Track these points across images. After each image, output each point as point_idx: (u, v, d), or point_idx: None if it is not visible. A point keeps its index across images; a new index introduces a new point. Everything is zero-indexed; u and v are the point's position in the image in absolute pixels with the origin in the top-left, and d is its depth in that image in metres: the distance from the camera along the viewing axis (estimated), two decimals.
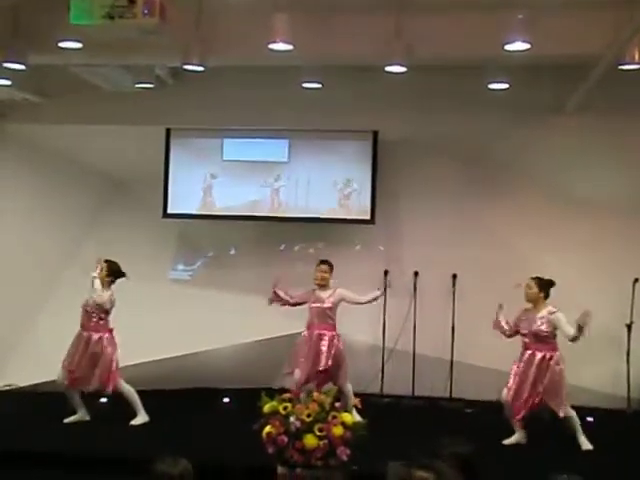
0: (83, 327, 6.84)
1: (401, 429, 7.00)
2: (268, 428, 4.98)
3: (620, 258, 7.66)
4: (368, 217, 8.23)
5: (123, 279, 6.92)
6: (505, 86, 7.21)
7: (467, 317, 8.06)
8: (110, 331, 6.86)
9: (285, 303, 7.24)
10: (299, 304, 7.23)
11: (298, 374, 6.94)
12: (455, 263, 8.18)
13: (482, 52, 5.83)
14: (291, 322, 8.59)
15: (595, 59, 5.80)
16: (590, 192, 7.86)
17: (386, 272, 8.12)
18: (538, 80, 6.99)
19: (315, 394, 5.14)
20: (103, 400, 7.11)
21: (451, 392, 8.15)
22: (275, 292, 7.16)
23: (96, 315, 6.80)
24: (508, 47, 5.58)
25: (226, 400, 7.96)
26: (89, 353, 6.75)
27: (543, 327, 6.43)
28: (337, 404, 5.12)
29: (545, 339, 6.43)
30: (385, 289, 7.54)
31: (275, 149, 8.49)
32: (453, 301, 8.18)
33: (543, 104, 7.43)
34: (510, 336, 6.70)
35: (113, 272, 6.88)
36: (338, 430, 4.91)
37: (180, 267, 9.26)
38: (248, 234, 8.85)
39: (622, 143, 7.56)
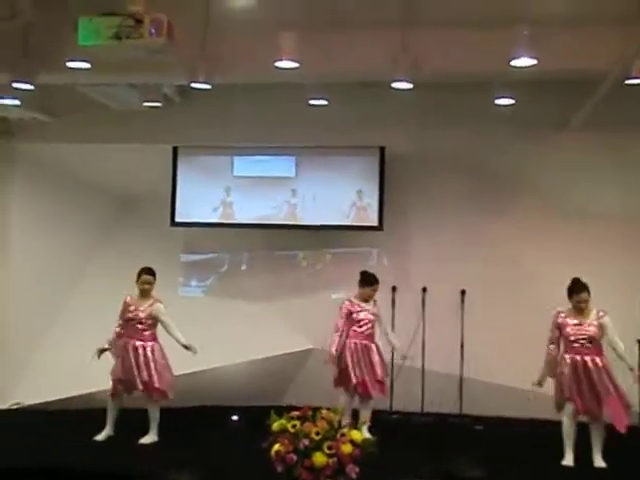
0: None
1: (410, 446, 6.95)
2: (277, 446, 4.95)
3: (627, 273, 7.63)
4: (376, 224, 8.26)
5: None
6: (511, 102, 7.22)
7: (476, 333, 8.03)
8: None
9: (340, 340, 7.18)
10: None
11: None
12: (463, 279, 8.16)
13: (488, 68, 5.85)
14: (299, 339, 8.61)
15: (601, 75, 5.81)
16: (596, 207, 7.84)
17: (394, 288, 8.11)
18: (544, 96, 7.00)
19: (324, 412, 5.11)
20: None
21: (461, 408, 8.10)
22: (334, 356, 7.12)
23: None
24: (514, 63, 5.60)
25: (235, 418, 7.92)
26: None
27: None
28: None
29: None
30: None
31: (283, 166, 8.53)
32: (462, 317, 8.15)
33: (549, 120, 7.43)
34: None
35: None
36: (347, 448, 4.88)
37: (192, 283, 9.29)
38: (258, 247, 8.90)
39: (626, 159, 7.55)
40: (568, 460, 6.28)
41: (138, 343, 6.80)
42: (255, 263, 9.12)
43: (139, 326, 6.84)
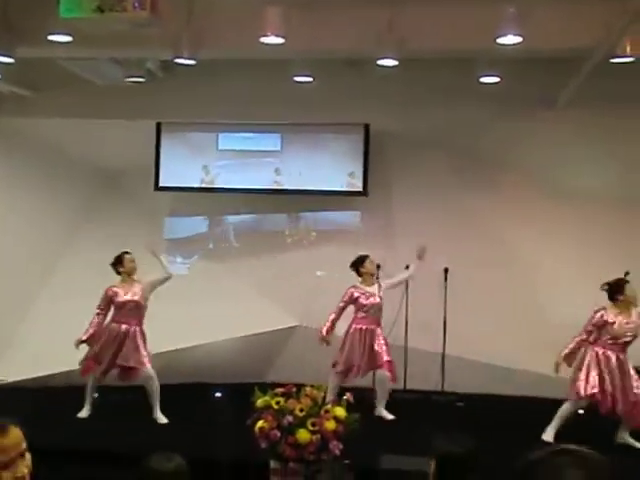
0: None
1: (393, 422, 7.01)
2: (261, 423, 4.98)
3: (611, 251, 7.67)
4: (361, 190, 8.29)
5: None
6: (496, 79, 7.20)
7: (459, 311, 8.07)
8: None
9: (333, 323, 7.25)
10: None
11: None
12: (447, 257, 8.18)
13: (474, 45, 5.82)
14: (283, 317, 8.61)
15: (587, 52, 5.80)
16: (582, 186, 7.88)
17: (379, 266, 8.11)
18: (529, 74, 6.98)
19: (308, 389, 5.13)
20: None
21: (443, 385, 8.16)
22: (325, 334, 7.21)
23: None
24: (500, 40, 5.58)
25: (218, 395, 7.94)
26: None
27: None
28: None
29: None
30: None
31: (267, 142, 8.50)
32: (445, 295, 8.18)
33: (534, 98, 7.43)
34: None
35: None
36: (330, 424, 4.92)
37: (176, 260, 9.27)
38: (244, 224, 8.89)
39: (613, 137, 7.57)
40: (549, 436, 6.36)
41: (134, 328, 6.87)
42: (239, 240, 9.11)
43: (131, 310, 6.86)
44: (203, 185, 8.57)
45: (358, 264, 7.29)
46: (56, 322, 7.80)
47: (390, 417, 7.08)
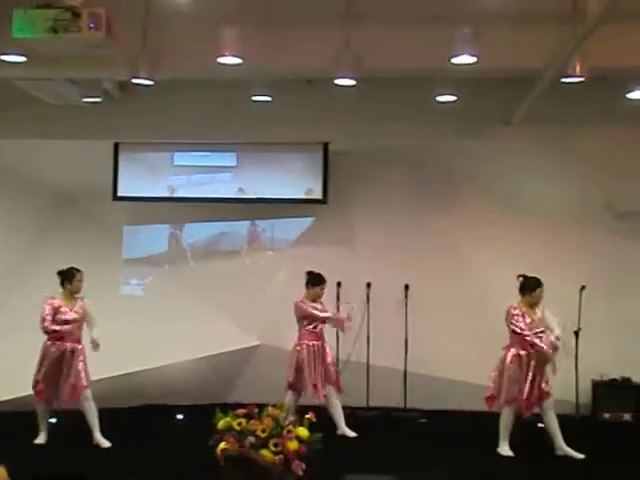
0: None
1: (357, 440, 7.00)
2: (223, 445, 4.92)
3: (568, 266, 7.82)
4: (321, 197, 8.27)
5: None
6: (453, 98, 7.32)
7: (420, 327, 8.12)
8: None
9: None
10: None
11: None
12: (407, 274, 8.24)
13: (429, 65, 5.90)
14: (243, 336, 8.56)
15: (539, 72, 5.92)
16: (538, 201, 8.02)
17: (339, 283, 8.14)
18: (485, 92, 7.10)
19: (270, 409, 5.10)
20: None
21: (405, 402, 8.19)
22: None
23: None
24: (455, 60, 5.67)
25: (180, 417, 7.85)
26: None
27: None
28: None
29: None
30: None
31: (224, 162, 8.49)
32: (406, 312, 8.23)
33: (490, 115, 7.56)
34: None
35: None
36: (293, 445, 4.87)
37: (132, 282, 9.17)
38: (201, 243, 8.90)
39: (566, 153, 7.73)
40: (506, 450, 6.42)
41: (76, 346, 6.68)
42: (197, 260, 9.05)
43: (72, 327, 6.68)
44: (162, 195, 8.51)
45: (317, 283, 7.27)
46: (10, 348, 7.65)
47: (352, 435, 7.07)
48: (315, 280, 7.25)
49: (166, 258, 9.17)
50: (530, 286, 6.49)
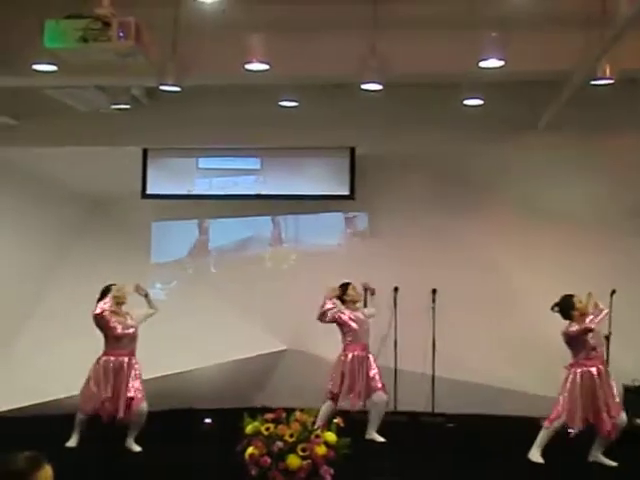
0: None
1: (384, 445, 6.99)
2: (251, 449, 4.94)
3: (596, 271, 7.74)
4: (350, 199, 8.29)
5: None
6: (479, 102, 7.28)
7: (447, 331, 8.09)
8: None
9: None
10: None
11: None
12: (434, 278, 8.22)
13: (457, 69, 5.87)
14: (271, 340, 8.59)
15: (567, 75, 5.88)
16: (565, 207, 7.95)
17: (365, 289, 8.13)
18: (512, 97, 7.06)
19: (298, 414, 5.11)
20: None
21: (433, 407, 8.16)
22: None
23: None
24: (482, 64, 5.65)
25: (208, 421, 7.89)
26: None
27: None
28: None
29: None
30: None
31: (249, 165, 8.57)
32: (433, 316, 8.21)
33: (517, 120, 7.50)
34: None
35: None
36: (321, 449, 4.89)
37: (159, 285, 9.24)
38: (227, 248, 8.93)
39: (593, 159, 7.65)
40: (537, 457, 6.37)
41: (131, 359, 6.80)
42: (224, 264, 9.09)
43: (127, 341, 6.79)
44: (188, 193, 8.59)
45: (341, 292, 7.30)
46: (40, 353, 7.76)
47: (381, 440, 7.06)
48: (346, 285, 7.32)
49: (192, 262, 9.24)
50: (570, 306, 6.40)
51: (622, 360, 7.64)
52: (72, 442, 6.78)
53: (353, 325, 7.19)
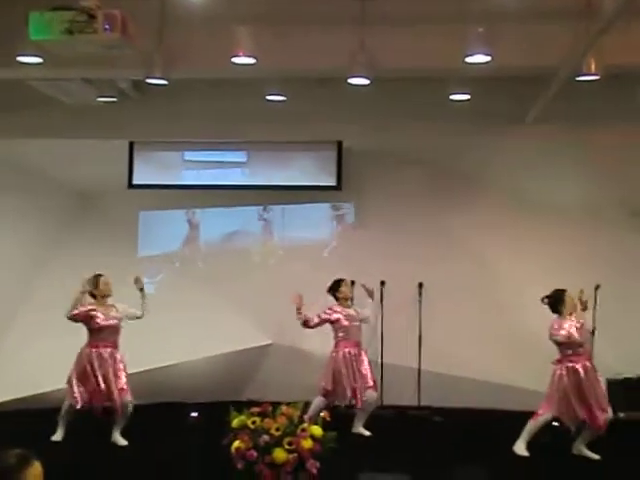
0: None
1: (371, 439, 7.01)
2: (237, 443, 4.95)
3: (584, 264, 7.79)
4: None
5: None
6: (466, 97, 7.30)
7: (434, 325, 8.12)
8: None
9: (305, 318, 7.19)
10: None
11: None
12: (421, 272, 8.24)
13: (444, 64, 5.89)
14: (259, 334, 8.59)
15: (554, 71, 5.90)
16: (553, 201, 7.99)
17: (353, 282, 8.13)
18: (499, 91, 7.08)
19: (284, 407, 5.12)
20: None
21: (419, 400, 8.19)
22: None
23: None
24: (469, 59, 5.66)
25: (194, 414, 7.89)
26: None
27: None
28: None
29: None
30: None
31: (236, 158, 8.60)
32: (419, 310, 8.24)
33: (504, 114, 7.53)
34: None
35: None
36: (307, 443, 4.90)
37: (146, 279, 9.19)
38: (213, 241, 8.90)
39: (580, 152, 7.70)
40: (522, 450, 6.41)
41: (114, 351, 6.76)
42: (211, 258, 9.08)
43: (110, 332, 6.76)
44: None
45: (334, 289, 7.31)
46: (31, 347, 7.72)
47: (367, 434, 7.08)
48: (331, 288, 7.31)
49: (179, 256, 9.22)
50: (560, 301, 6.42)
51: (606, 354, 7.69)
52: (57, 436, 6.76)
53: (344, 321, 7.19)
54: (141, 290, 6.98)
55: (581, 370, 6.32)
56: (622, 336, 7.81)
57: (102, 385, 6.65)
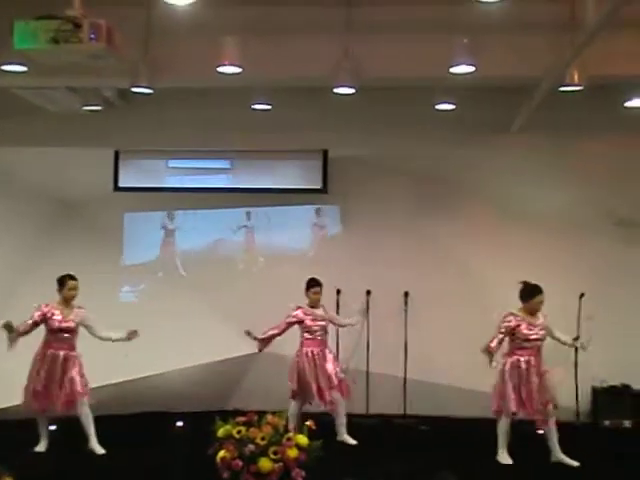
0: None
1: (357, 448, 7.01)
2: (222, 452, 4.94)
3: (569, 273, 7.84)
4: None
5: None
6: (451, 107, 7.34)
7: (420, 334, 8.14)
8: None
9: (272, 337, 7.21)
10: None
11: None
12: (407, 281, 8.26)
13: (428, 74, 5.93)
14: (244, 343, 8.56)
15: (537, 81, 5.95)
16: (537, 209, 8.05)
17: (338, 291, 8.16)
18: (484, 100, 7.14)
19: (269, 417, 5.12)
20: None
21: (405, 409, 8.20)
22: (260, 340, 7.16)
23: None
24: (453, 70, 5.71)
25: (180, 424, 7.85)
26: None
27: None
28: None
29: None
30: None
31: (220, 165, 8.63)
32: (405, 319, 8.25)
33: (489, 124, 7.59)
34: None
35: None
36: (293, 452, 4.91)
37: (130, 288, 9.17)
38: (197, 250, 8.91)
39: (564, 161, 7.77)
40: (506, 458, 6.42)
41: (70, 353, 6.67)
42: (195, 266, 9.05)
43: (66, 335, 6.69)
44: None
45: (306, 288, 7.31)
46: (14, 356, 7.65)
47: (353, 442, 7.08)
48: (307, 284, 7.28)
49: (161, 265, 9.17)
50: (528, 293, 6.49)
51: (591, 362, 7.74)
52: (41, 447, 6.71)
53: (308, 322, 7.19)
54: (128, 339, 6.86)
55: (524, 363, 6.40)
56: (607, 344, 7.85)
57: (57, 388, 6.57)
